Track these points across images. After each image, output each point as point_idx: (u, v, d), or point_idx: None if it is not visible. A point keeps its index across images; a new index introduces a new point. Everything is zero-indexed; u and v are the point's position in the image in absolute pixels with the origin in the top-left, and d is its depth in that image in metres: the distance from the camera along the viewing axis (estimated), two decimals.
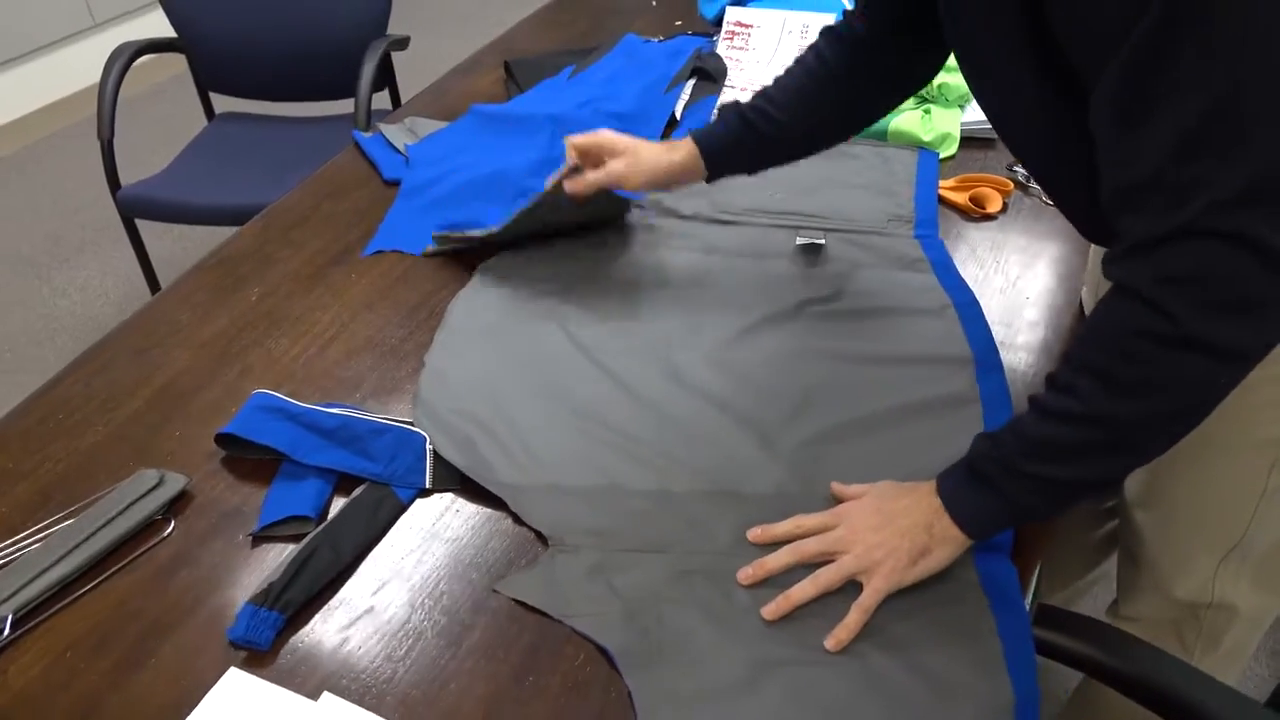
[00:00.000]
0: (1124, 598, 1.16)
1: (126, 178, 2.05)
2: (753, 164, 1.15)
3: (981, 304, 1.16)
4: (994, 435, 0.80)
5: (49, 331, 2.41)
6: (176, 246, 2.59)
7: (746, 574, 0.84)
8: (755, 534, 0.88)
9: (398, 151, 1.47)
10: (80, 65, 3.25)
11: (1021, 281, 1.20)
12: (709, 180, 1.13)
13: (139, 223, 2.06)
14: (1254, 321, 0.65)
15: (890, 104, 1.13)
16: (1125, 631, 0.88)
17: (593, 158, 1.14)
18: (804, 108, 1.07)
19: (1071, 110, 0.76)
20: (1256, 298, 0.64)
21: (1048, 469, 0.75)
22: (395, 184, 1.41)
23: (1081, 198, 0.84)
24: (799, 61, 1.09)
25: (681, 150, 1.11)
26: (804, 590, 0.81)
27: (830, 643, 0.79)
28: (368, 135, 1.53)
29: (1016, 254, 1.25)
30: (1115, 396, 0.70)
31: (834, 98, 1.07)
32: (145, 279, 2.18)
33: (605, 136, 1.14)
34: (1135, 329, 0.68)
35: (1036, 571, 0.88)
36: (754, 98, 1.09)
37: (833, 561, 0.83)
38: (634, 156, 1.11)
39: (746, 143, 1.09)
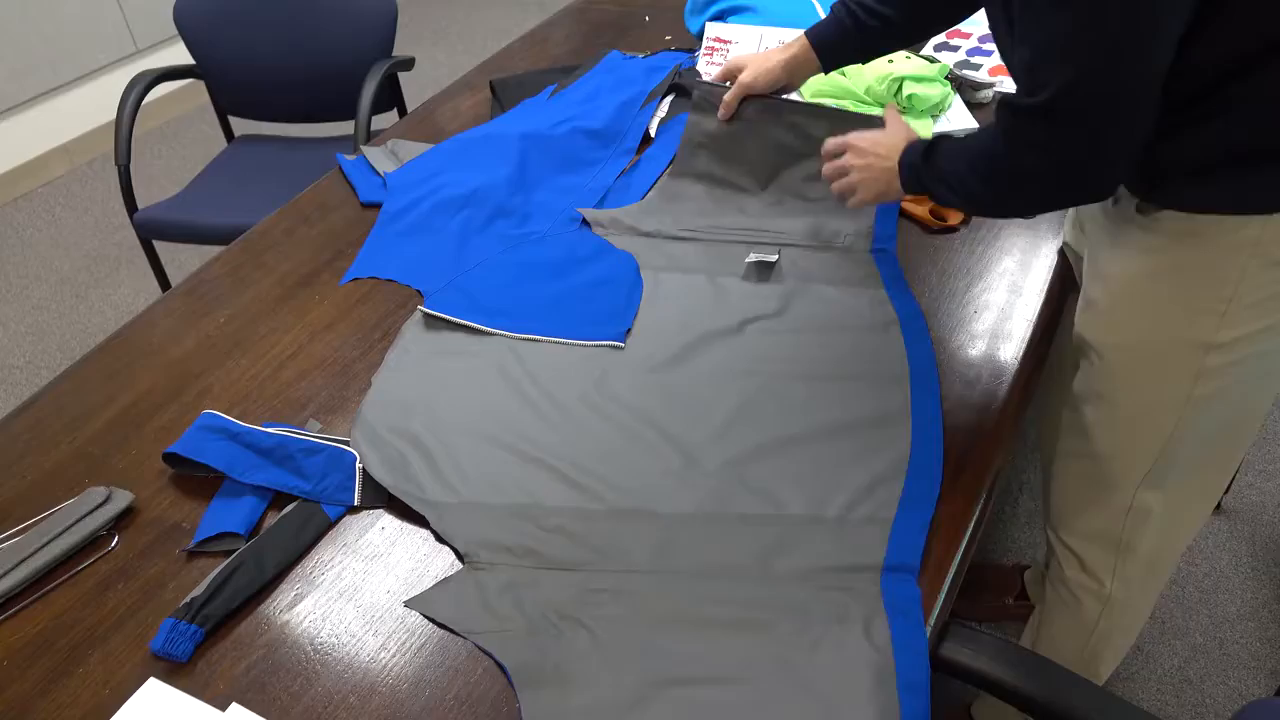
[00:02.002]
0: (1055, 506, 1.24)
1: (160, 200, 2.14)
2: (861, 54, 1.28)
3: (934, 315, 1.15)
4: (929, 158, 1.02)
5: (84, 348, 2.52)
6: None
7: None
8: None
9: (378, 175, 1.52)
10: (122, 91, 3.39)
11: (976, 293, 1.20)
12: (825, 71, 1.30)
13: (175, 243, 2.15)
14: (1047, 156, 0.88)
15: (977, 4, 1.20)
16: (1038, 654, 0.88)
17: (730, 78, 1.37)
18: (906, 1, 1.19)
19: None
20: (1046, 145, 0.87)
21: (952, 197, 1.00)
22: (371, 206, 1.46)
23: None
24: None
25: (795, 47, 1.29)
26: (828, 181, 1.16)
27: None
28: (351, 158, 1.58)
29: (974, 266, 1.24)
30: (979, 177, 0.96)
31: None
32: None
33: (732, 61, 1.37)
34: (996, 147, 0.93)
35: (943, 591, 0.88)
36: None
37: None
38: (756, 66, 1.33)
39: (852, 35, 1.23)
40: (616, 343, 1.15)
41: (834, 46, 1.26)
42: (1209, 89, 0.86)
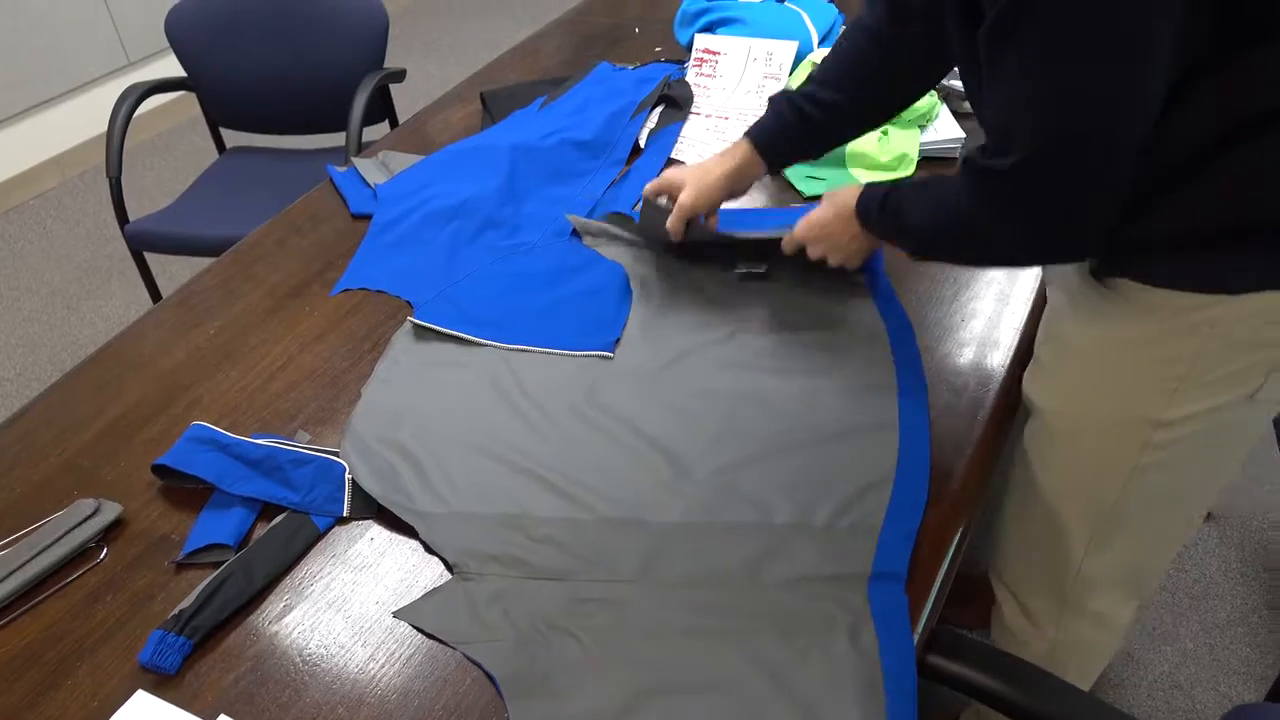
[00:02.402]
0: (1000, 555, 1.23)
1: (151, 212, 2.15)
2: (812, 147, 1.20)
3: (922, 324, 1.16)
4: (884, 208, 1.00)
5: (75, 360, 2.51)
6: None
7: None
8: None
9: (368, 186, 1.52)
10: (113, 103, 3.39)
11: (963, 301, 1.20)
12: (772, 174, 1.23)
13: (166, 255, 2.15)
14: (1015, 223, 0.84)
15: (935, 77, 1.13)
16: (1025, 661, 0.88)
17: (666, 193, 1.24)
18: (852, 84, 1.11)
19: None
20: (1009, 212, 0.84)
21: (909, 245, 1.00)
22: (362, 218, 1.46)
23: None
24: (846, 38, 1.12)
25: (737, 155, 1.18)
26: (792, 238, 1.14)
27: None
28: (342, 170, 1.58)
29: (961, 274, 1.25)
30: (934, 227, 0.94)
31: (879, 73, 1.10)
32: None
33: (668, 176, 1.23)
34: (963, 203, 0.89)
35: (930, 599, 0.88)
36: (803, 83, 1.14)
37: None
38: (696, 185, 1.19)
39: (796, 128, 1.14)
40: (605, 353, 1.15)
41: (779, 145, 1.16)
42: (1178, 165, 0.82)
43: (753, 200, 1.43)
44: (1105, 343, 0.96)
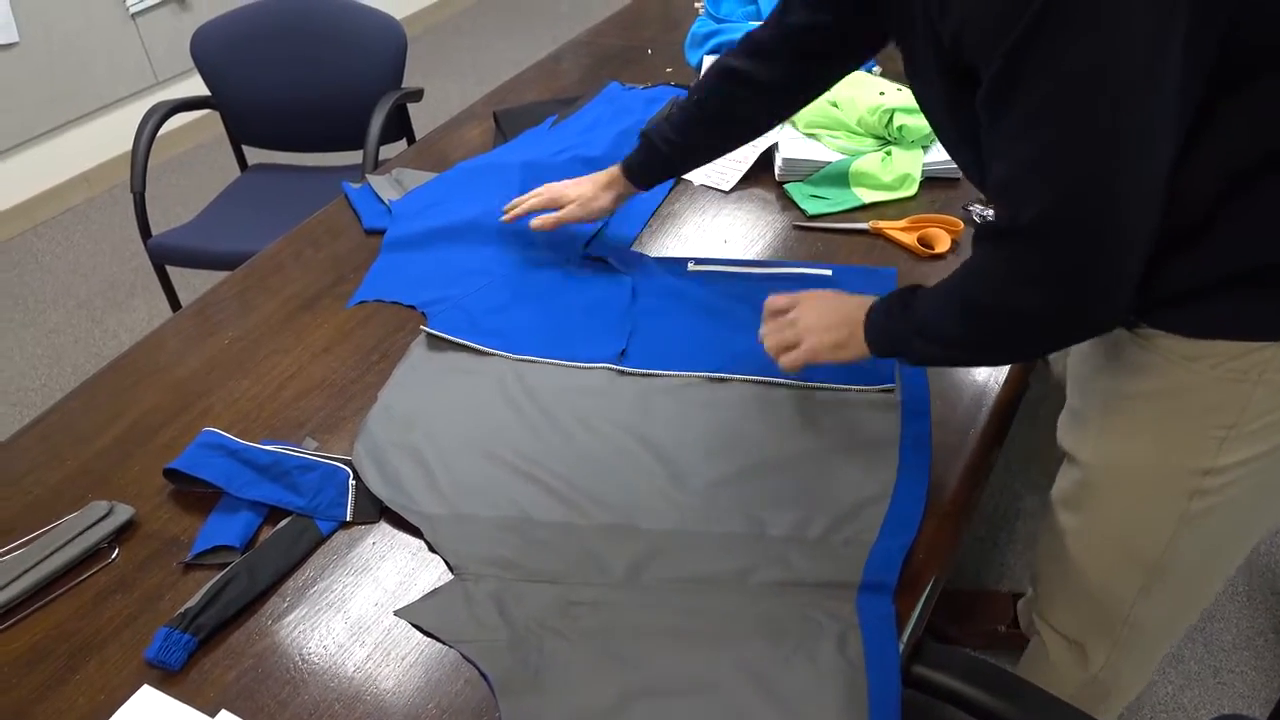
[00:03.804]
0: (1044, 599, 1.21)
1: (174, 227, 2.20)
2: (663, 174, 1.32)
3: None
4: (906, 306, 0.93)
5: None
6: None
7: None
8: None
9: (381, 202, 1.56)
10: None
11: None
12: (643, 189, 1.33)
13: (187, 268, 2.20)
14: (1041, 292, 0.79)
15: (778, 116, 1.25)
16: (1011, 673, 0.89)
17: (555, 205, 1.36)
18: (694, 133, 1.24)
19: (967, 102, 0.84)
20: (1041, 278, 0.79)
21: (930, 349, 0.92)
22: (374, 233, 1.50)
23: (975, 174, 0.97)
24: (710, 79, 1.21)
25: (611, 179, 1.32)
26: (767, 337, 1.06)
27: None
28: (356, 186, 1.62)
29: None
30: (971, 327, 0.87)
31: (717, 126, 1.23)
32: None
33: (552, 189, 1.36)
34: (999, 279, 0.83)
35: (917, 609, 0.89)
36: (665, 120, 1.27)
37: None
38: (582, 203, 1.33)
39: (654, 161, 1.29)
40: (610, 365, 1.18)
41: (639, 172, 1.30)
42: (1205, 207, 0.78)
43: (754, 219, 1.46)
44: (1148, 395, 0.93)
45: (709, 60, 1.75)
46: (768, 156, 1.56)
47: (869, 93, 1.56)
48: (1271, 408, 0.87)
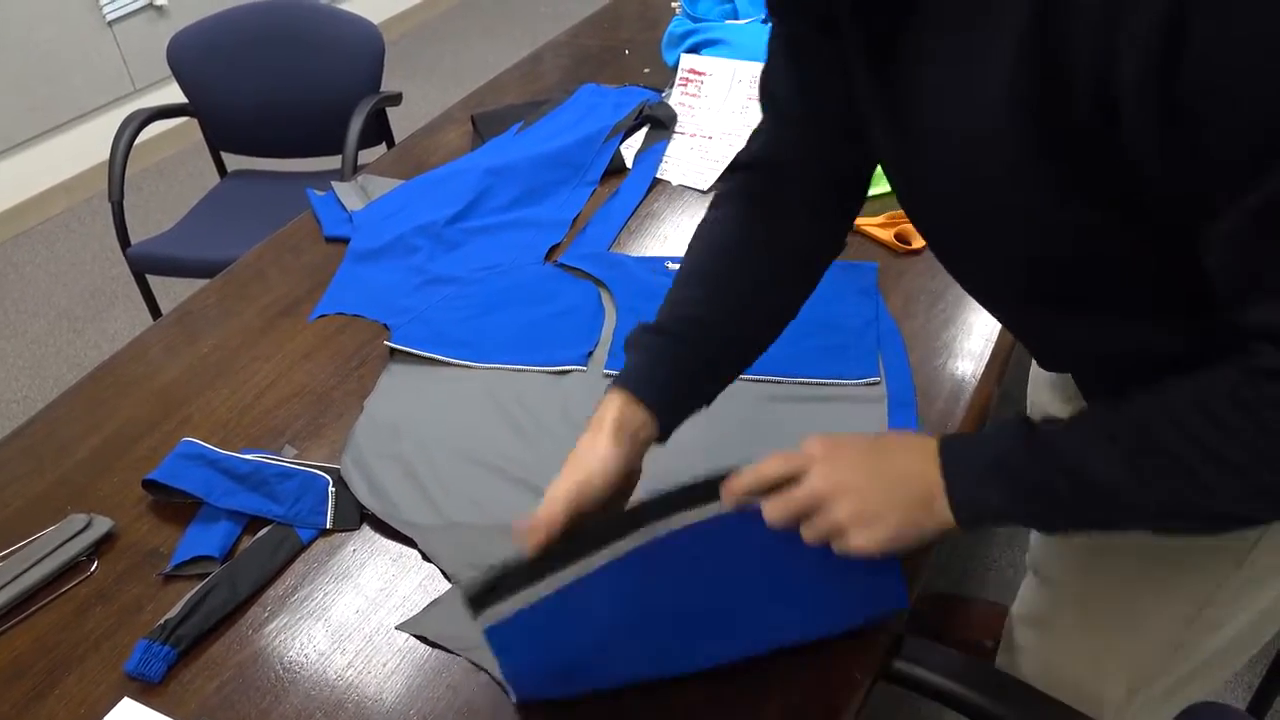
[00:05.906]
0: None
1: (153, 235, 2.19)
2: (706, 389, 0.88)
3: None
4: (1036, 451, 0.66)
5: None
6: None
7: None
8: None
9: (344, 210, 1.55)
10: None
11: (936, 312, 1.23)
12: (662, 441, 0.85)
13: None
14: None
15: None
16: (992, 668, 0.90)
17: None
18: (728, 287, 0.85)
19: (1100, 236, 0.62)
20: None
21: (1092, 513, 0.66)
22: (335, 241, 1.49)
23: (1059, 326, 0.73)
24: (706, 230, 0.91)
25: (605, 431, 0.82)
26: (771, 512, 0.74)
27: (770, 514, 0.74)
28: (321, 193, 1.61)
29: (936, 286, 1.27)
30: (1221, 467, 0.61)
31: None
32: None
33: (548, 504, 0.81)
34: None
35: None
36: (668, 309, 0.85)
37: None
38: (581, 483, 0.82)
39: (684, 363, 0.84)
40: (579, 366, 1.18)
41: (662, 397, 0.84)
42: None
43: None
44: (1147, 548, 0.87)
45: (686, 60, 1.75)
46: None
47: None
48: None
